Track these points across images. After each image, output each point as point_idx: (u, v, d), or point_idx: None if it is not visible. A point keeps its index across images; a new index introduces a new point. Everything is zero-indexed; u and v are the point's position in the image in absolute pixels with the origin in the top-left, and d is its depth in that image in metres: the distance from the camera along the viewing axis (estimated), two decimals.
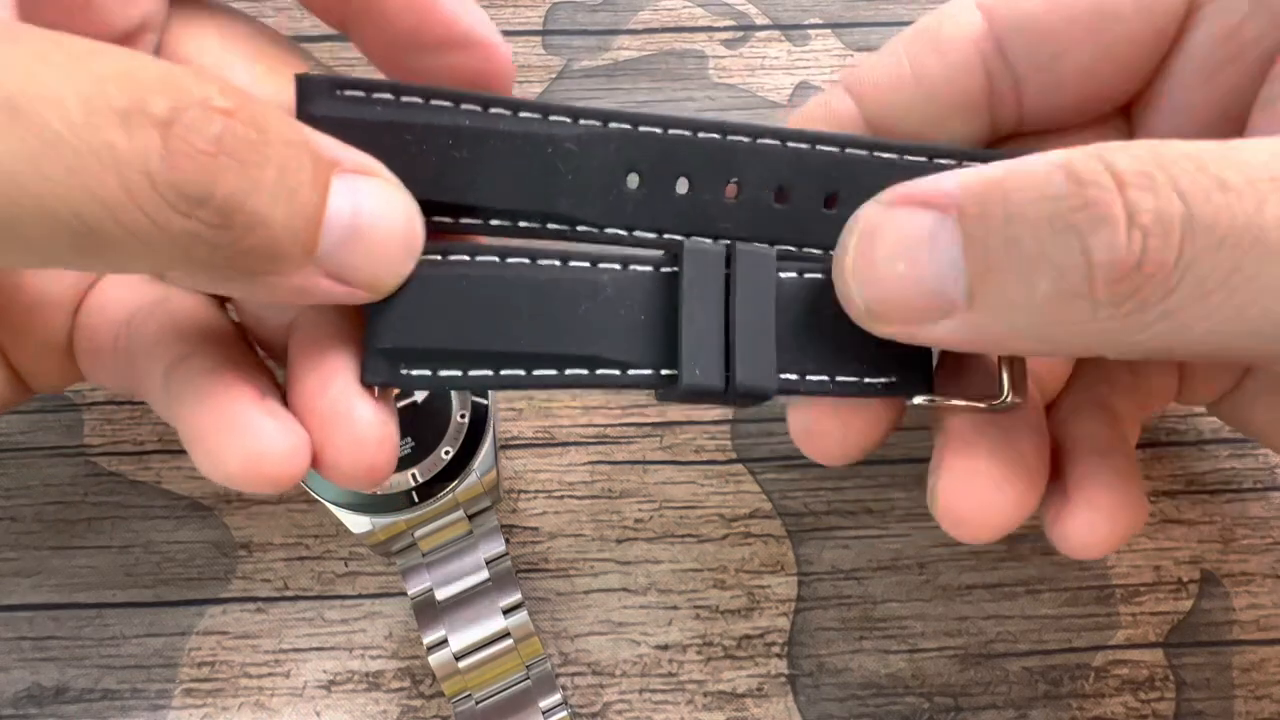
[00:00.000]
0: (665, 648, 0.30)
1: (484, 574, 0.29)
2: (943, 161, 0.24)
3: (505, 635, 0.28)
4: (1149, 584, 0.31)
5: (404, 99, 0.21)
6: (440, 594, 0.28)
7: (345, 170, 0.19)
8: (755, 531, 0.31)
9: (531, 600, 0.30)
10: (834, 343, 0.23)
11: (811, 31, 0.36)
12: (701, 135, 0.23)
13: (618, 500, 0.31)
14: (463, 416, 0.29)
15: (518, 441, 0.32)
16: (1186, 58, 0.24)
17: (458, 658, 0.28)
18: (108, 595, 0.30)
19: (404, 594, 0.29)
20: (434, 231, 0.21)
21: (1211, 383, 0.27)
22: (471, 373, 0.21)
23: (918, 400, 0.23)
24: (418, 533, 0.29)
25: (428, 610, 0.28)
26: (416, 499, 0.28)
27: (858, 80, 0.25)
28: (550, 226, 0.22)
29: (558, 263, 0.22)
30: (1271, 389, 0.26)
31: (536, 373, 0.22)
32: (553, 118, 0.22)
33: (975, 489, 0.23)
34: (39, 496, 0.31)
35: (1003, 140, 0.26)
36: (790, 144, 0.23)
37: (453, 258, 0.21)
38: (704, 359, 0.22)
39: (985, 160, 0.23)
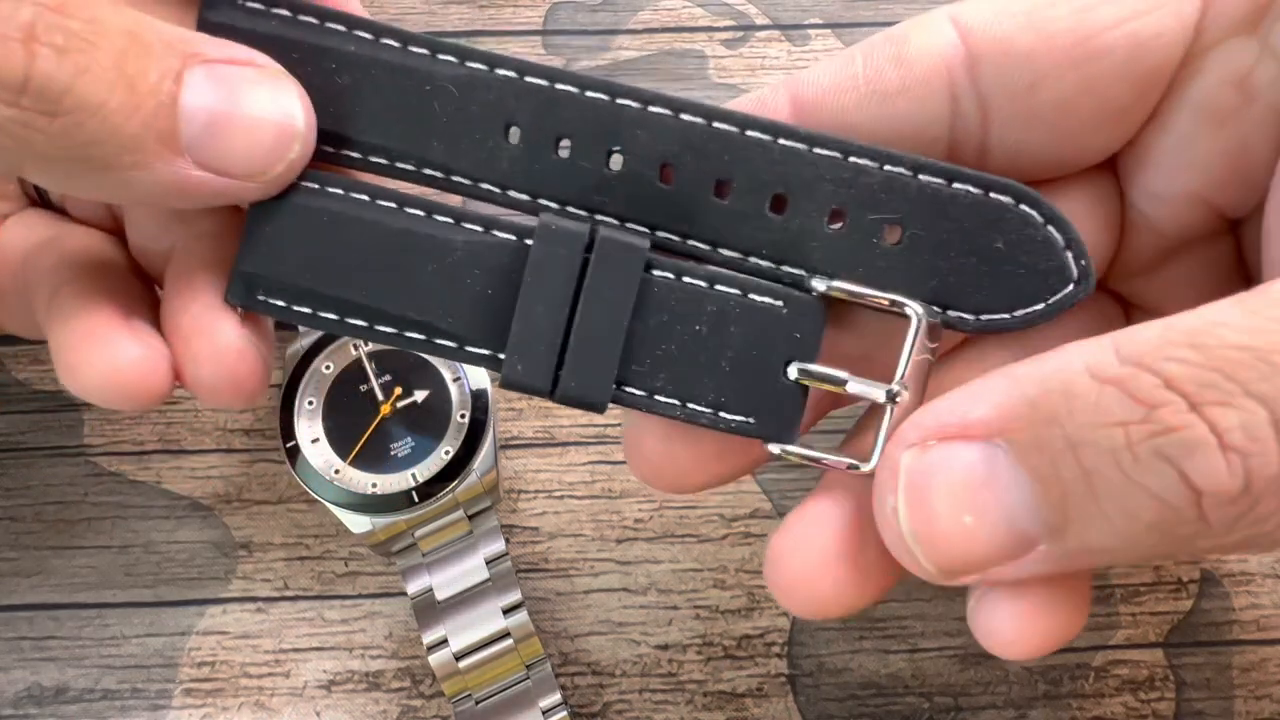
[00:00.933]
0: (665, 648, 0.30)
1: (484, 574, 0.29)
2: (860, 162, 0.21)
3: (505, 635, 0.28)
4: (1149, 584, 0.31)
5: (300, 17, 0.21)
6: (440, 594, 0.28)
7: (211, 60, 0.20)
8: (755, 531, 0.31)
9: (531, 600, 0.30)
10: (696, 363, 0.21)
11: (811, 31, 0.36)
12: (589, 94, 0.21)
13: (618, 500, 0.31)
14: (463, 417, 0.29)
15: (518, 441, 0.32)
16: (1189, 105, 0.21)
17: (458, 658, 0.28)
18: (108, 595, 0.31)
19: (404, 594, 0.29)
20: (320, 161, 0.21)
21: None
22: (320, 314, 0.21)
23: (772, 448, 0.21)
24: (418, 533, 0.29)
25: (428, 610, 0.28)
26: (416, 499, 0.28)
27: (801, 82, 0.22)
28: (426, 173, 0.21)
29: (422, 213, 0.21)
30: None
31: (378, 328, 0.21)
32: (439, 56, 0.21)
33: (801, 559, 0.21)
34: (39, 496, 0.31)
35: None
36: (684, 116, 0.21)
37: (329, 189, 0.21)
38: (532, 353, 0.21)
39: (916, 167, 0.21)
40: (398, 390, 0.29)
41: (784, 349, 0.21)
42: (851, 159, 0.21)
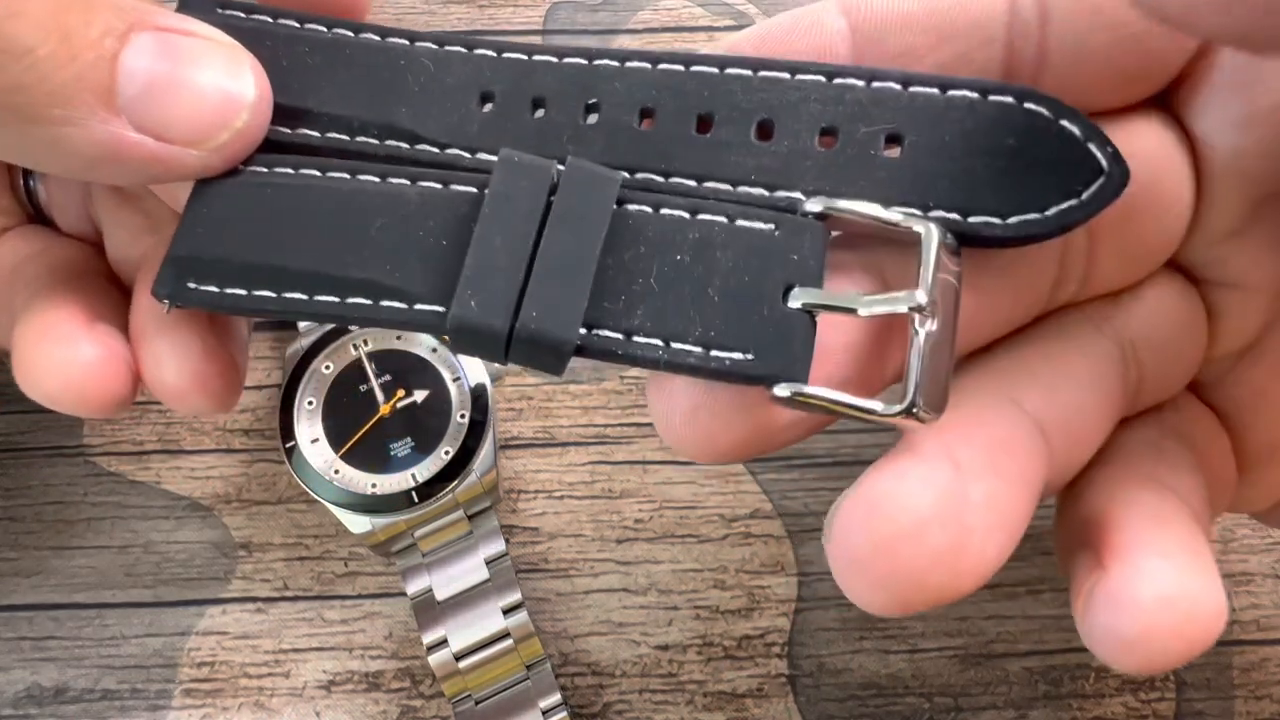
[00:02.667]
0: (665, 648, 0.30)
1: (484, 574, 0.29)
2: (845, 81, 0.19)
3: (505, 635, 0.28)
4: None
5: (280, 21, 0.21)
6: (440, 594, 0.28)
7: (162, 28, 0.20)
8: (755, 532, 0.31)
9: (531, 600, 0.30)
10: (679, 297, 0.18)
11: None
12: (567, 60, 0.20)
13: (618, 500, 0.31)
14: (463, 417, 0.29)
15: (518, 441, 0.32)
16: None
17: (458, 658, 0.28)
18: (107, 595, 0.30)
19: (404, 594, 0.29)
20: (274, 146, 0.21)
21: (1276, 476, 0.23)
22: (255, 292, 0.19)
23: (779, 391, 0.18)
24: (418, 533, 0.29)
25: (428, 610, 0.28)
26: (416, 499, 0.28)
27: None
28: (389, 143, 0.20)
29: (376, 178, 0.20)
30: None
31: (318, 298, 0.19)
32: (418, 43, 0.21)
33: (892, 521, 0.17)
34: (39, 496, 0.31)
35: None
36: (662, 65, 0.20)
37: (277, 169, 0.20)
38: (488, 290, 0.18)
39: (904, 80, 0.19)
40: (399, 391, 0.29)
41: (781, 273, 0.18)
42: (836, 80, 0.19)
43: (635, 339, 0.18)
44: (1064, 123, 0.18)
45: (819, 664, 0.30)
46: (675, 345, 0.18)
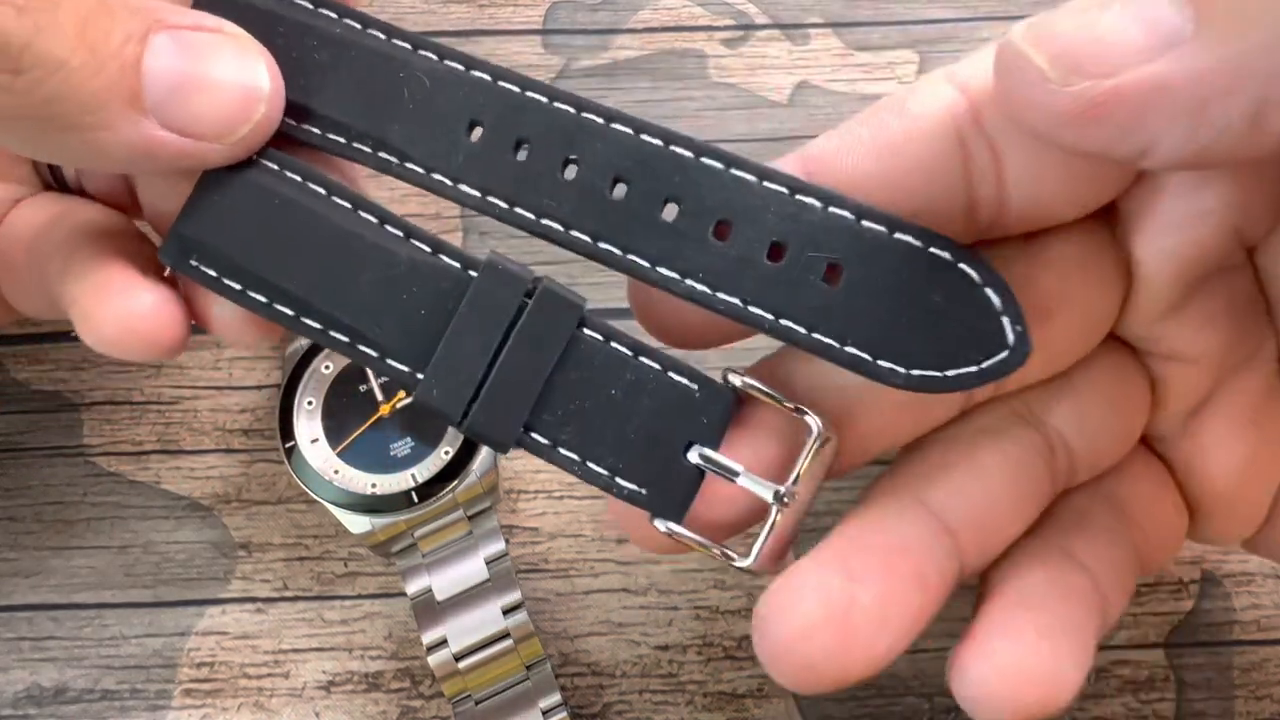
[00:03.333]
0: (665, 648, 0.30)
1: (484, 574, 0.29)
2: (805, 200, 0.20)
3: (505, 635, 0.28)
4: (1149, 584, 0.31)
5: (295, 1, 0.22)
6: (440, 594, 0.28)
7: (176, 27, 0.20)
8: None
9: (531, 600, 0.30)
10: (604, 425, 0.21)
11: (812, 31, 0.36)
12: (556, 104, 0.21)
13: None
14: None
15: None
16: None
17: (457, 658, 0.28)
18: (107, 595, 0.30)
19: (404, 594, 0.29)
20: (280, 136, 0.22)
21: (1238, 516, 0.24)
22: (249, 293, 0.22)
23: (658, 525, 0.21)
24: (417, 533, 0.29)
25: (427, 610, 0.28)
26: (416, 499, 0.28)
27: (808, 153, 0.22)
28: (380, 155, 0.22)
29: (374, 219, 0.22)
30: None
31: (304, 321, 0.22)
32: (420, 51, 0.22)
33: (789, 618, 0.20)
34: (38, 497, 0.31)
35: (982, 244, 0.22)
36: (643, 136, 0.21)
37: (287, 173, 0.22)
38: (452, 381, 0.21)
39: (859, 213, 0.20)
40: (399, 391, 0.29)
41: (688, 430, 0.21)
42: (798, 196, 0.21)
43: (560, 449, 0.21)
44: (988, 290, 0.20)
45: None
46: (589, 464, 0.21)
